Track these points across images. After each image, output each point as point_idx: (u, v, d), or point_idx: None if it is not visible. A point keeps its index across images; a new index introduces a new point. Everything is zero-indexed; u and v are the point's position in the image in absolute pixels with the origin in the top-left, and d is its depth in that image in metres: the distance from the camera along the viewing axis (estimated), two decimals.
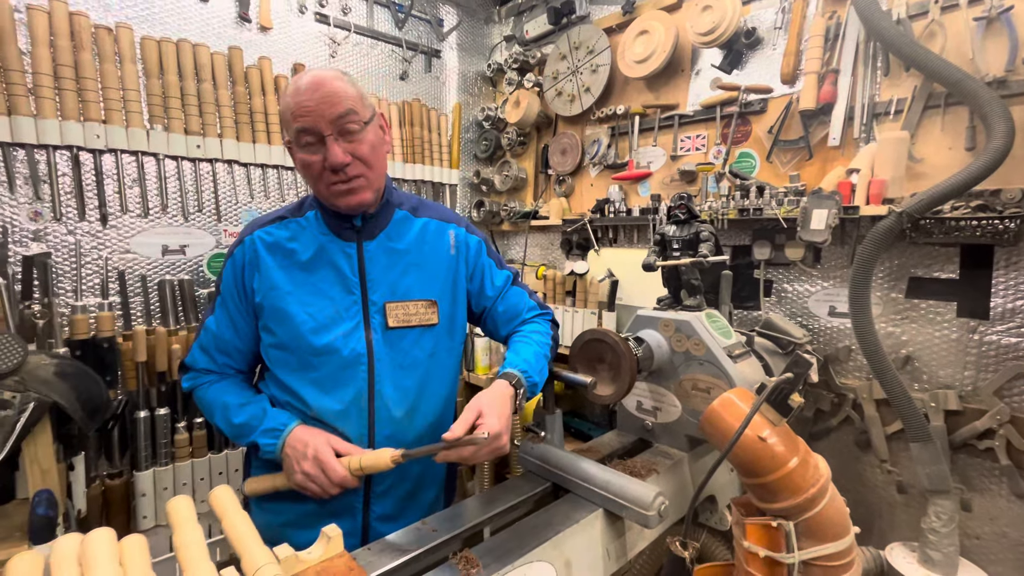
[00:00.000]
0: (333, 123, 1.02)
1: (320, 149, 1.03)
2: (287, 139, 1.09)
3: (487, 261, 1.32)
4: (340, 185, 1.06)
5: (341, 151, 1.03)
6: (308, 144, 1.04)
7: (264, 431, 1.09)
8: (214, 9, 1.95)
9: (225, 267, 1.17)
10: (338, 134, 1.03)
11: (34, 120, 1.60)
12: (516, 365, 1.15)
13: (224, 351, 1.19)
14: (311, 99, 1.01)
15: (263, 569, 0.72)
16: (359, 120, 1.05)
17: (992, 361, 1.45)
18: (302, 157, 1.06)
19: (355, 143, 1.05)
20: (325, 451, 1.03)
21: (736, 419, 0.94)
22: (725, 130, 1.96)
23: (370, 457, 1.02)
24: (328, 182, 1.06)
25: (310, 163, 1.05)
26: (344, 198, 1.08)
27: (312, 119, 1.01)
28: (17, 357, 1.30)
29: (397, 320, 1.16)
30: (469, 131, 2.83)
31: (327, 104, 1.01)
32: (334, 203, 1.10)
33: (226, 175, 2.00)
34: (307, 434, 1.07)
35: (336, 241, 1.15)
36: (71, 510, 1.53)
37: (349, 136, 1.04)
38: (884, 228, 1.39)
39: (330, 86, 1.02)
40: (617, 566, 1.07)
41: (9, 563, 0.68)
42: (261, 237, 1.15)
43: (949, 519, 1.33)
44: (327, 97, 1.01)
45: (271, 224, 1.17)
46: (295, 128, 1.03)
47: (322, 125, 1.01)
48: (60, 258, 1.70)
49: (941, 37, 1.47)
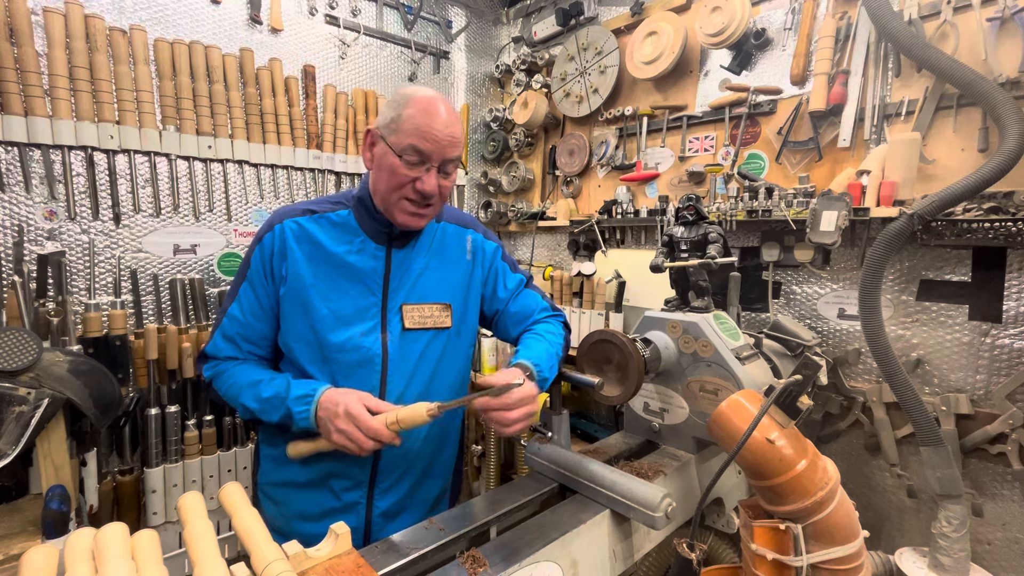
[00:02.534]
0: (444, 160, 1.09)
1: (419, 170, 1.08)
2: (384, 135, 1.09)
3: (501, 265, 1.34)
4: (414, 206, 1.12)
5: (436, 184, 1.10)
6: (410, 162, 1.07)
7: (296, 399, 1.08)
8: (226, 11, 1.97)
9: (253, 253, 1.17)
10: (440, 168, 1.10)
11: (50, 121, 1.63)
12: (528, 357, 1.15)
13: (250, 339, 1.19)
14: (441, 132, 1.07)
15: (272, 566, 0.73)
16: (456, 165, 1.14)
17: (1004, 365, 1.43)
18: (396, 165, 1.08)
19: (446, 181, 1.13)
20: (356, 406, 1.01)
21: (744, 421, 0.94)
22: (734, 131, 1.95)
23: (407, 412, 1.00)
24: (404, 196, 1.10)
25: (400, 175, 1.08)
26: (407, 217, 1.13)
27: (432, 147, 1.07)
28: (32, 354, 1.32)
29: (413, 322, 1.18)
30: (477, 132, 2.84)
31: (450, 143, 1.08)
32: (395, 216, 1.13)
33: (236, 175, 2.02)
34: (338, 394, 1.05)
35: (368, 243, 1.17)
36: (83, 506, 1.55)
37: (445, 176, 1.12)
38: (895, 230, 1.38)
39: (457, 129, 1.10)
40: (624, 567, 1.07)
41: (24, 556, 0.69)
42: (291, 227, 1.16)
43: (960, 524, 1.32)
44: (452, 137, 1.09)
45: (301, 216, 1.17)
46: (411, 143, 1.06)
47: (436, 157, 1.08)
48: (74, 257, 1.72)
49: (953, 38, 1.45)
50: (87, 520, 1.55)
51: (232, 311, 1.18)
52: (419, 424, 1.00)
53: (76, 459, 1.56)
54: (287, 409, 1.08)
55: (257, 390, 1.12)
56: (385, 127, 1.09)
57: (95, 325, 1.67)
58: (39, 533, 1.15)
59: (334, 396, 1.05)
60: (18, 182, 1.62)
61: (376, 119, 1.14)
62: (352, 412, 1.00)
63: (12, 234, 1.61)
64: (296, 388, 1.09)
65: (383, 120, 1.10)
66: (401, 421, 1.00)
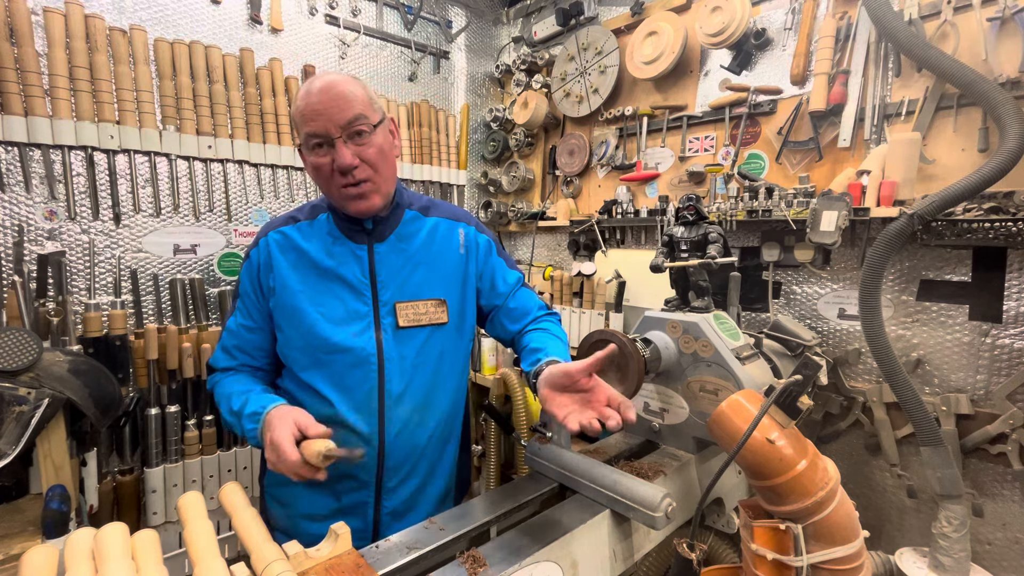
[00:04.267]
0: (342, 127, 1.03)
1: (329, 152, 1.05)
2: (298, 142, 1.11)
3: (497, 260, 1.33)
4: (350, 188, 1.08)
5: (349, 154, 1.04)
6: (317, 147, 1.05)
7: (248, 415, 1.06)
8: (226, 11, 1.97)
9: (243, 269, 1.20)
10: (347, 137, 1.04)
11: (50, 121, 1.63)
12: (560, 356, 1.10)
13: (244, 350, 1.21)
14: (321, 102, 1.02)
15: (272, 566, 0.73)
16: (368, 123, 1.06)
17: (1005, 365, 1.43)
18: (312, 160, 1.07)
19: (363, 146, 1.06)
20: (281, 435, 0.94)
21: (744, 421, 0.94)
22: (734, 131, 1.95)
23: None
24: (338, 184, 1.08)
25: (320, 165, 1.07)
26: (354, 202, 1.10)
27: (322, 122, 1.02)
28: (32, 354, 1.32)
29: (408, 320, 1.17)
30: (477, 132, 2.84)
31: (336, 108, 1.02)
32: (344, 207, 1.12)
33: (237, 175, 2.02)
34: (276, 417, 0.99)
35: (347, 243, 1.17)
36: (83, 505, 1.55)
37: (358, 139, 1.06)
38: (895, 230, 1.38)
39: (339, 89, 1.03)
40: (624, 567, 1.07)
41: (24, 556, 0.69)
42: (275, 238, 1.18)
43: (960, 524, 1.32)
44: (336, 100, 1.02)
45: (284, 226, 1.19)
46: (305, 131, 1.05)
47: (331, 128, 1.03)
48: (74, 257, 1.72)
49: (954, 38, 1.45)
50: (87, 520, 1.55)
51: (229, 324, 1.21)
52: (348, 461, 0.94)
53: (76, 459, 1.56)
54: (243, 425, 1.07)
55: (230, 403, 1.12)
56: (296, 136, 1.08)
57: (95, 325, 1.67)
58: (39, 533, 1.15)
59: (272, 419, 0.99)
60: (18, 182, 1.62)
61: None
62: (275, 440, 0.94)
63: (12, 234, 1.61)
64: (250, 405, 1.07)
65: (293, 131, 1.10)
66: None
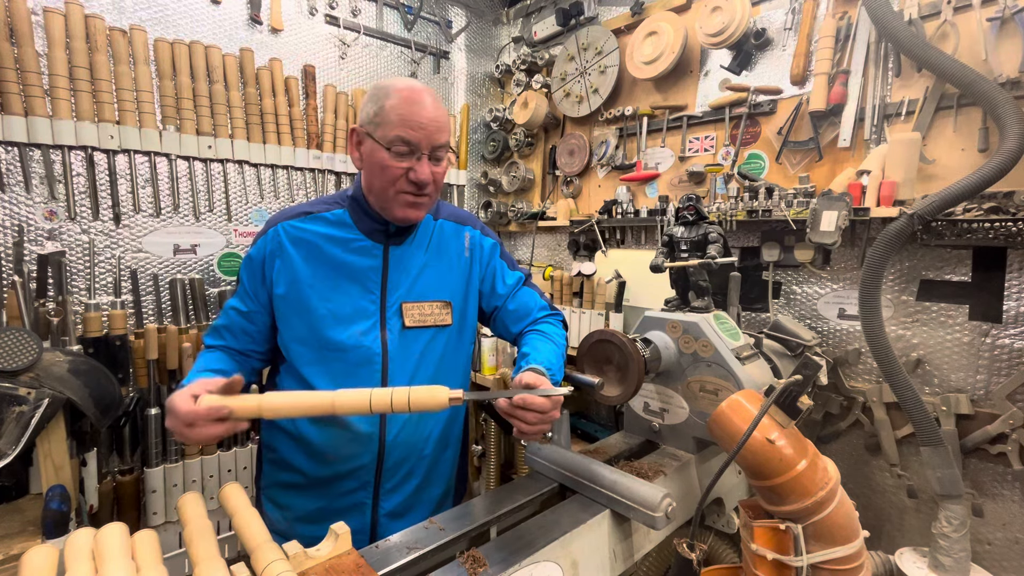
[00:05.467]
0: (433, 147, 1.07)
1: (409, 160, 1.07)
2: (369, 131, 1.07)
3: (499, 262, 1.33)
4: (411, 197, 1.10)
5: (429, 171, 1.08)
6: (400, 153, 1.06)
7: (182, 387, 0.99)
8: (226, 11, 1.97)
9: (248, 254, 1.20)
10: (431, 155, 1.08)
11: (50, 121, 1.63)
12: (540, 362, 1.12)
13: (231, 331, 1.19)
14: (426, 117, 1.05)
15: (272, 566, 0.73)
16: (447, 150, 1.12)
17: (1005, 365, 1.43)
18: (386, 158, 1.06)
19: (439, 168, 1.11)
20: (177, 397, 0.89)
21: (744, 421, 0.94)
22: (734, 131, 1.95)
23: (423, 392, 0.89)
24: (400, 190, 1.09)
25: (391, 168, 1.07)
26: (405, 210, 1.12)
27: (419, 135, 1.05)
28: (32, 354, 1.32)
29: (413, 320, 1.18)
30: (477, 132, 2.84)
31: (437, 128, 1.07)
32: (393, 211, 1.12)
33: (236, 175, 2.02)
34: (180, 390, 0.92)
35: (364, 241, 1.17)
36: (83, 505, 1.55)
37: (436, 161, 1.10)
38: (895, 230, 1.38)
39: (442, 113, 1.09)
40: (624, 567, 1.07)
41: (24, 556, 0.69)
42: (286, 229, 1.16)
43: (960, 524, 1.32)
44: (438, 122, 1.07)
45: (297, 218, 1.18)
46: (397, 134, 1.04)
47: (424, 144, 1.06)
48: (74, 257, 1.72)
49: (954, 38, 1.45)
50: (87, 520, 1.55)
51: (226, 307, 1.21)
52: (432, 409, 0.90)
53: (76, 459, 1.56)
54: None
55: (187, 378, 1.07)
56: (369, 123, 1.07)
57: (95, 325, 1.67)
58: (39, 533, 1.15)
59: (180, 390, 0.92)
60: (18, 182, 1.62)
61: (359, 116, 1.12)
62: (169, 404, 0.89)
63: (12, 234, 1.61)
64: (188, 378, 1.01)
65: (365, 116, 1.08)
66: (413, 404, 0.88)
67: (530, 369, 1.08)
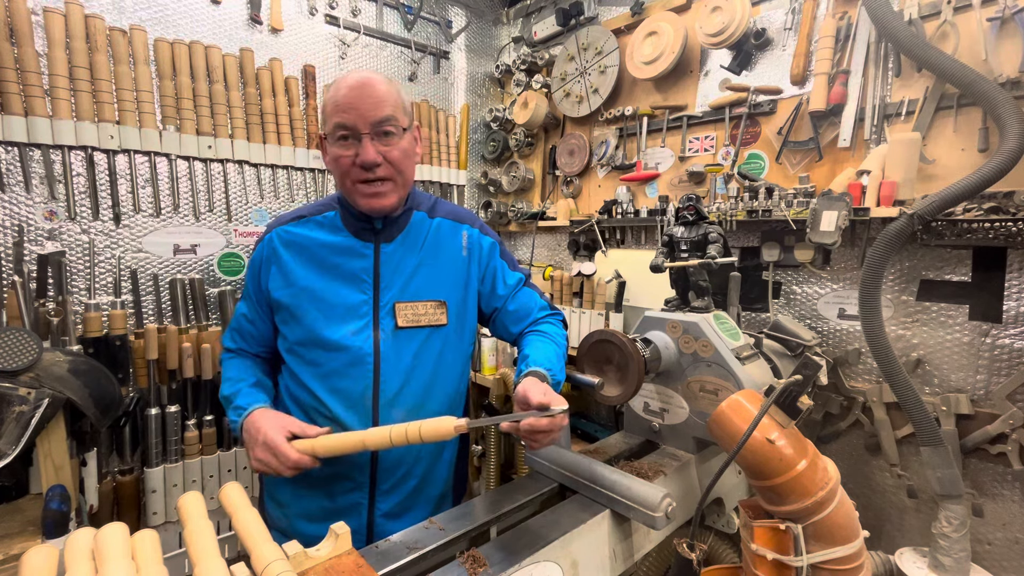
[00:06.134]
0: (372, 124, 1.05)
1: (354, 146, 1.06)
2: (322, 132, 1.11)
3: (500, 262, 1.32)
4: (366, 186, 1.09)
5: (374, 151, 1.05)
6: (343, 139, 1.06)
7: (234, 407, 1.13)
8: (226, 11, 1.97)
9: (249, 262, 1.25)
10: (374, 135, 1.06)
11: (50, 121, 1.63)
12: (541, 364, 1.12)
13: (243, 336, 1.26)
14: (356, 97, 1.03)
15: (272, 566, 0.73)
16: (397, 126, 1.08)
17: (1005, 365, 1.43)
18: (335, 151, 1.08)
19: (389, 147, 1.08)
20: (275, 436, 1.01)
21: (744, 421, 0.94)
22: (734, 131, 1.95)
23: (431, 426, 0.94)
24: (355, 179, 1.08)
25: (341, 157, 1.07)
26: (368, 200, 1.10)
27: (353, 116, 1.03)
28: (32, 354, 1.32)
29: (407, 320, 1.17)
30: (477, 132, 2.84)
31: (370, 105, 1.04)
32: (357, 203, 1.12)
33: (237, 175, 2.02)
34: (262, 419, 1.06)
35: (354, 241, 1.17)
36: (83, 505, 1.55)
37: (385, 139, 1.07)
38: (895, 230, 1.38)
39: (376, 88, 1.05)
40: (624, 567, 1.07)
41: (24, 556, 0.69)
42: (280, 234, 1.19)
43: (960, 524, 1.32)
44: (370, 97, 1.04)
45: (290, 223, 1.20)
46: (334, 122, 1.05)
47: (361, 124, 1.04)
48: (74, 257, 1.72)
49: (954, 37, 1.45)
50: (87, 520, 1.55)
51: (236, 308, 1.28)
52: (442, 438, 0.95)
53: (76, 459, 1.56)
54: (229, 416, 1.14)
55: (224, 386, 1.19)
56: (323, 125, 1.08)
57: (95, 325, 1.67)
58: (39, 533, 1.15)
59: (257, 420, 1.06)
60: (18, 182, 1.62)
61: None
62: (268, 441, 1.01)
63: (12, 234, 1.61)
64: (241, 398, 1.14)
65: (321, 120, 1.10)
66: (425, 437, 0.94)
67: (530, 373, 1.07)
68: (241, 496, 0.88)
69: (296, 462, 1.00)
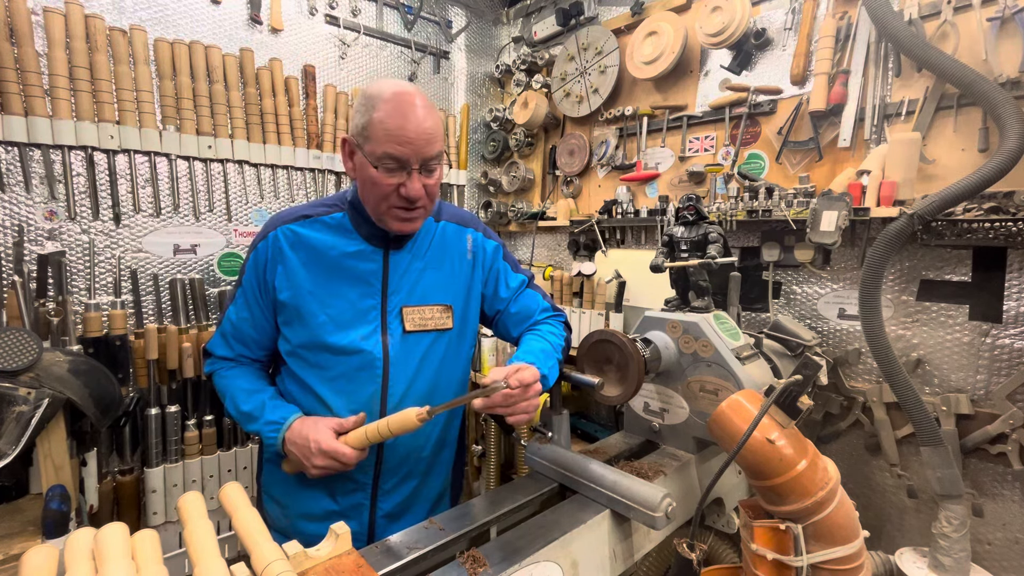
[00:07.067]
0: (423, 160, 1.05)
1: (399, 176, 1.05)
2: (356, 142, 1.07)
3: (503, 265, 1.33)
4: (403, 212, 1.09)
5: (420, 185, 1.06)
6: (389, 169, 1.04)
7: (267, 423, 1.12)
8: (226, 11, 1.97)
9: (248, 260, 1.18)
10: (422, 169, 1.06)
11: (50, 121, 1.63)
12: (522, 358, 1.13)
13: (241, 341, 1.21)
14: (414, 131, 1.02)
15: (272, 566, 0.73)
16: (440, 160, 1.09)
17: (1005, 365, 1.43)
18: (376, 175, 1.05)
19: (431, 180, 1.09)
20: (329, 441, 1.04)
21: (744, 421, 0.94)
22: (734, 131, 1.95)
23: (397, 420, 1.00)
24: (392, 204, 1.08)
25: (381, 183, 1.05)
26: (401, 224, 1.11)
27: (408, 151, 1.02)
28: (32, 354, 1.32)
29: (414, 324, 1.17)
30: (477, 132, 2.84)
31: (425, 142, 1.03)
32: (389, 225, 1.11)
33: (236, 175, 2.02)
34: (306, 427, 1.07)
35: (364, 246, 1.16)
36: (83, 505, 1.55)
37: (428, 174, 1.08)
38: (895, 230, 1.38)
39: (432, 124, 1.04)
40: (624, 567, 1.07)
41: (24, 556, 0.69)
42: (285, 233, 1.15)
43: (960, 524, 1.32)
44: (428, 134, 1.03)
45: (295, 222, 1.16)
46: (385, 151, 1.02)
47: (413, 159, 1.04)
48: (74, 257, 1.72)
49: (954, 37, 1.45)
50: (87, 520, 1.55)
51: (229, 312, 1.21)
52: (409, 430, 1.01)
53: (76, 459, 1.56)
54: (260, 430, 1.12)
55: (239, 400, 1.16)
56: (358, 135, 1.05)
57: (95, 325, 1.67)
58: (39, 533, 1.15)
59: (302, 430, 1.07)
60: (18, 182, 1.62)
61: (350, 125, 1.10)
62: (327, 449, 1.04)
63: (12, 234, 1.61)
64: (270, 412, 1.12)
65: (355, 127, 1.06)
66: (394, 431, 1.01)
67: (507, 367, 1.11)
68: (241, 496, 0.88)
69: (357, 459, 1.05)
